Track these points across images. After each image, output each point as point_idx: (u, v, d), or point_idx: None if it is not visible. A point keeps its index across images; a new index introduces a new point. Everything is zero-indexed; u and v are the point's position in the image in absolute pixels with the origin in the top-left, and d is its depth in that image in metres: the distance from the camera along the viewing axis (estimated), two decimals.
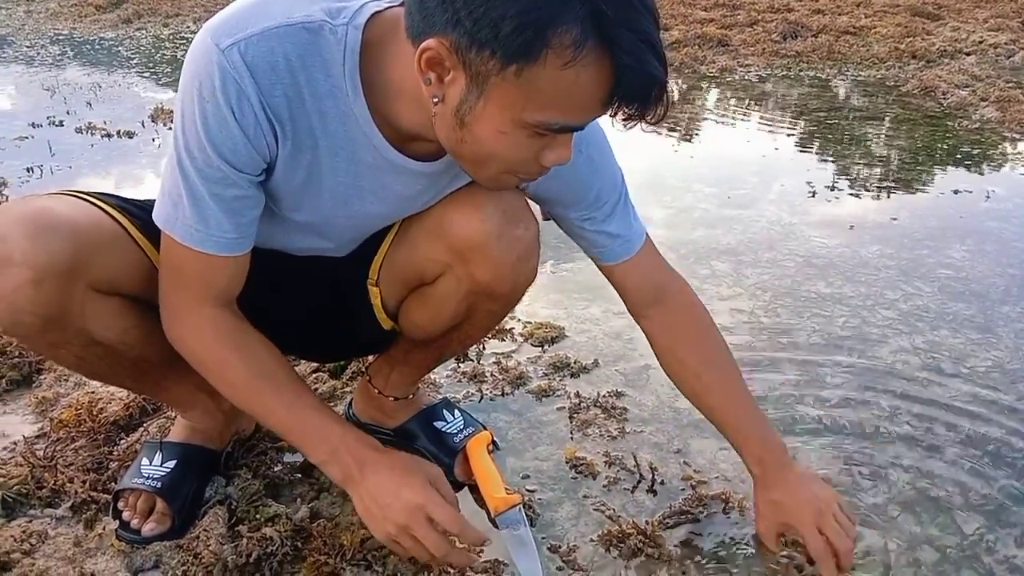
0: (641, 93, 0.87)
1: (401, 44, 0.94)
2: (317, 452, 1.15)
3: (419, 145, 1.07)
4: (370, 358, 1.62)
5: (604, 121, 1.05)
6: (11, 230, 1.04)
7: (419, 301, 1.32)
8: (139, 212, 1.17)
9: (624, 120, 0.90)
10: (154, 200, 1.10)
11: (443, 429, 1.51)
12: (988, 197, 3.05)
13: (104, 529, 1.33)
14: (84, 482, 1.41)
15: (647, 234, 1.31)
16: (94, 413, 1.60)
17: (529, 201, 1.25)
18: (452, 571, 1.25)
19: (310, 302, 1.36)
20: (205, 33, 0.96)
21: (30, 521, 1.35)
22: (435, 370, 1.70)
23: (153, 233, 1.13)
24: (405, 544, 1.10)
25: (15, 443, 1.55)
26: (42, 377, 1.77)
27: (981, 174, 3.36)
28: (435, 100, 0.93)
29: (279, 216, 1.14)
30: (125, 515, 1.32)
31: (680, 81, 5.14)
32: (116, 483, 1.40)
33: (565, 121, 0.92)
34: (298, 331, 1.37)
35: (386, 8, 1.00)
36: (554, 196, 1.23)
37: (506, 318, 1.97)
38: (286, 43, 0.96)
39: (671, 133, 3.97)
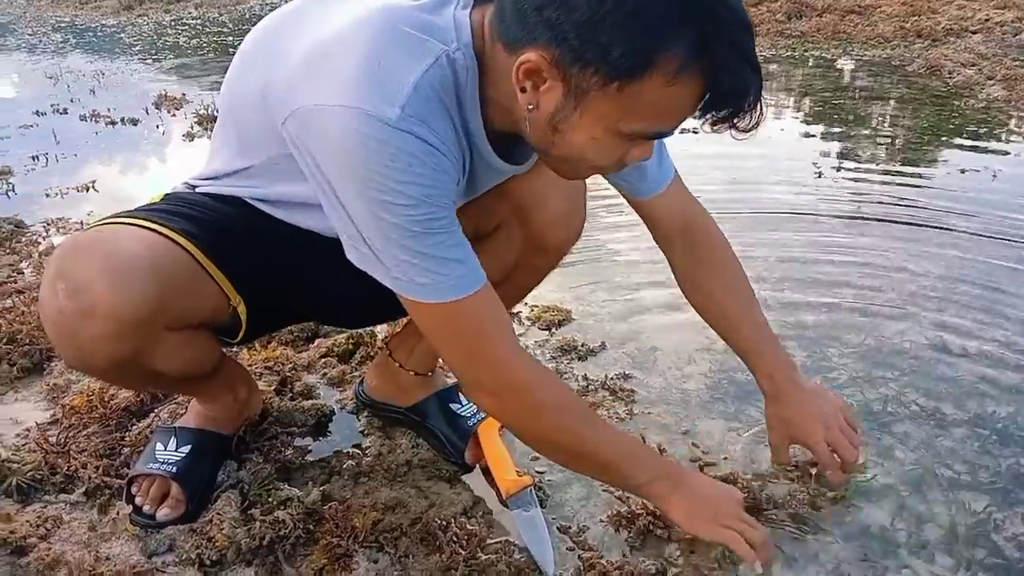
0: (735, 104, 0.90)
1: (491, 53, 0.97)
2: (641, 475, 1.19)
3: (500, 139, 1.08)
4: (381, 336, 1.61)
5: None
6: (94, 281, 1.05)
7: None
8: (202, 233, 1.17)
9: (712, 124, 0.93)
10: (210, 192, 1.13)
11: (458, 411, 1.51)
12: (995, 176, 3.04)
13: (118, 514, 1.34)
14: (97, 467, 1.43)
15: (675, 169, 1.36)
16: (105, 399, 1.61)
17: None
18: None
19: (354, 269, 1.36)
20: (355, 115, 0.91)
21: (45, 506, 1.37)
22: None
23: (218, 254, 1.16)
24: (738, 527, 1.19)
25: (28, 430, 1.57)
26: (53, 364, 1.79)
27: (987, 153, 3.34)
28: (529, 108, 0.95)
29: None
30: (138, 500, 1.33)
31: None
32: (129, 468, 1.41)
33: (659, 129, 0.96)
34: (344, 299, 1.34)
35: (464, 11, 0.99)
36: None
37: None
38: (435, 85, 0.95)
39: None
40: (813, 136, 3.74)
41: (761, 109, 0.92)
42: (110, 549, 1.28)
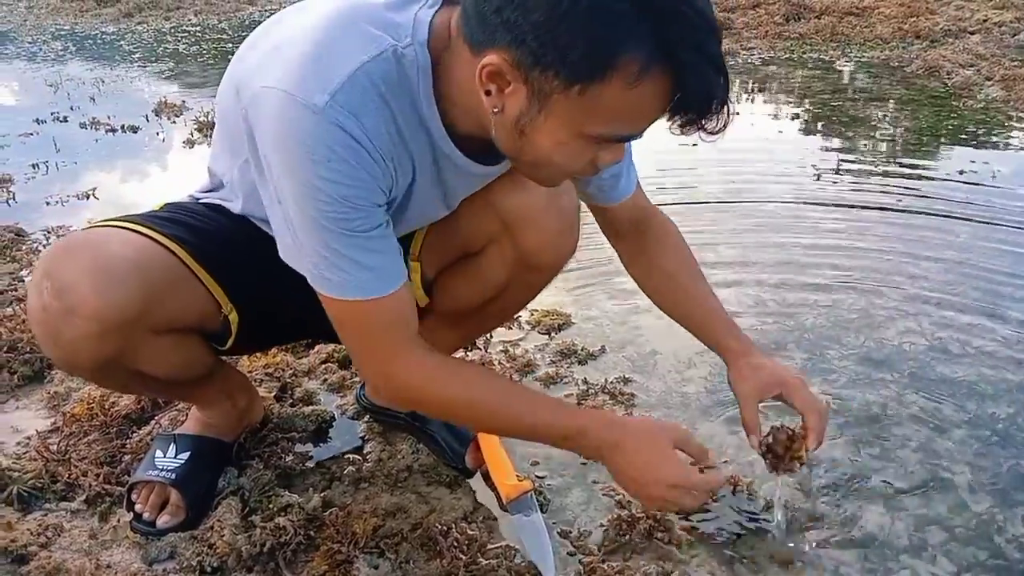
0: (702, 107, 0.89)
1: (454, 54, 0.96)
2: (569, 440, 1.16)
3: (471, 142, 1.07)
4: None
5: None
6: (79, 282, 1.05)
7: (461, 271, 1.35)
8: (196, 240, 1.17)
9: (681, 126, 0.91)
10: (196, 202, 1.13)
11: None
12: (994, 176, 3.04)
13: (119, 521, 1.35)
14: (98, 475, 1.43)
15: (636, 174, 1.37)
16: (106, 407, 1.61)
17: None
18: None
19: None
20: (287, 99, 0.93)
21: (45, 514, 1.37)
22: None
23: (208, 260, 1.16)
24: (672, 496, 1.14)
25: (28, 438, 1.57)
26: (54, 372, 1.79)
27: (987, 154, 3.34)
28: (495, 111, 0.94)
29: None
30: (138, 507, 1.33)
31: None
32: (130, 475, 1.41)
33: (626, 132, 0.95)
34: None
35: (430, 10, 0.99)
36: None
37: None
38: (374, 78, 0.95)
39: None
40: (812, 138, 3.74)
41: (729, 111, 0.90)
42: (111, 557, 1.28)
